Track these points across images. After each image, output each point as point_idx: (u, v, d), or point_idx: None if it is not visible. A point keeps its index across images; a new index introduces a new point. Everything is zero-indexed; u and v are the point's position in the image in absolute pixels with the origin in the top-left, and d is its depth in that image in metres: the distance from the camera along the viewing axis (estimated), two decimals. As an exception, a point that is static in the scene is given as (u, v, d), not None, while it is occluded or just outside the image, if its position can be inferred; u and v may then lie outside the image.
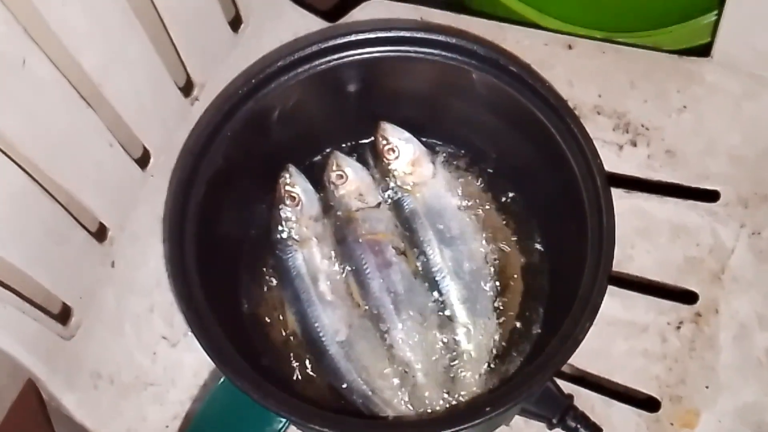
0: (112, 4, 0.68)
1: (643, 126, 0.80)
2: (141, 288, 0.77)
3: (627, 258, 0.75)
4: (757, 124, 0.79)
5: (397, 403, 0.67)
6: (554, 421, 0.65)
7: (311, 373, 0.70)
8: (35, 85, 0.63)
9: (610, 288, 0.69)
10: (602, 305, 0.59)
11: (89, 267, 0.75)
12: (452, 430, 0.56)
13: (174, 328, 0.76)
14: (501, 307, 0.70)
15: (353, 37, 0.68)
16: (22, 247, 0.66)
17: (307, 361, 0.70)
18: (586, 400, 0.70)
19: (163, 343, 0.75)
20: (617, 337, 0.72)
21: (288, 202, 0.72)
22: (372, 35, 0.68)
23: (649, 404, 0.71)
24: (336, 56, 0.69)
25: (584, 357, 0.71)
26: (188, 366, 0.74)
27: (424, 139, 0.75)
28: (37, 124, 0.64)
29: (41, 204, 0.67)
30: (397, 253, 0.70)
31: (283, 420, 0.63)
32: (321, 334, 0.69)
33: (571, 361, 0.70)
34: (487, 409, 0.56)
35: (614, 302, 0.73)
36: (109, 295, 0.76)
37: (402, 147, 0.73)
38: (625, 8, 0.89)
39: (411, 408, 0.67)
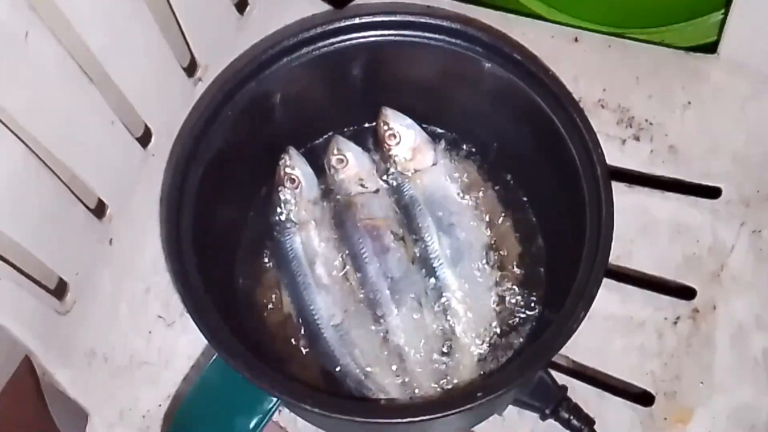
0: (118, -18, 0.68)
1: (646, 121, 0.79)
2: (138, 267, 0.77)
3: (626, 253, 0.74)
4: (761, 122, 0.78)
5: (390, 388, 0.67)
6: (547, 411, 0.65)
7: (305, 356, 0.70)
8: (37, 60, 0.63)
9: (608, 282, 0.69)
10: (600, 300, 0.59)
11: (87, 243, 0.75)
12: (444, 414, 0.56)
13: (170, 309, 0.76)
14: (497, 296, 0.70)
15: (357, 20, 0.68)
16: (20, 222, 0.66)
17: (302, 344, 0.70)
18: (581, 393, 0.70)
19: (158, 323, 0.75)
20: (614, 332, 0.72)
21: (287, 184, 0.72)
22: (376, 19, 0.68)
23: (644, 399, 0.70)
24: (339, 39, 0.68)
25: (581, 351, 0.71)
26: (183, 347, 0.74)
27: (425, 126, 0.75)
28: (38, 99, 0.64)
29: (41, 179, 0.67)
30: (395, 239, 0.70)
31: (275, 399, 0.62)
32: (316, 318, 0.68)
33: (568, 354, 0.70)
34: (479, 394, 0.56)
35: (612, 297, 0.72)
36: (106, 273, 0.76)
37: (403, 133, 0.72)
38: (633, 4, 0.89)
39: (404, 393, 0.67)
